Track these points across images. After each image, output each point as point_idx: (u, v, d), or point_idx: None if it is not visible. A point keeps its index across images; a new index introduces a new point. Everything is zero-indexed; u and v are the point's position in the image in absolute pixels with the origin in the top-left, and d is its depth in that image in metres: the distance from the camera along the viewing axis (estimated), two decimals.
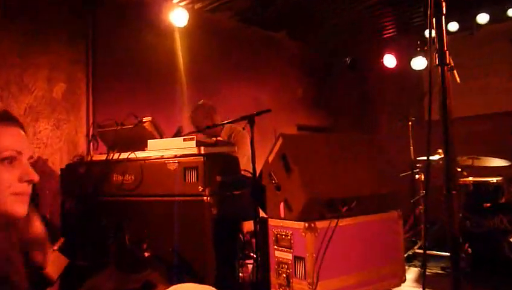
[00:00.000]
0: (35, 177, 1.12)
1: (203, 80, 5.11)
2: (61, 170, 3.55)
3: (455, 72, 1.54)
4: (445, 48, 1.51)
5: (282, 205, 2.73)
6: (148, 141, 3.08)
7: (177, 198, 2.81)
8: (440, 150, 4.31)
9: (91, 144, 3.49)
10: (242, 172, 3.03)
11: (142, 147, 3.10)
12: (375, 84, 7.09)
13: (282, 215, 2.74)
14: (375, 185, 2.88)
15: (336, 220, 2.62)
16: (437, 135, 1.54)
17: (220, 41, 5.39)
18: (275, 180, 2.79)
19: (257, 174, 2.87)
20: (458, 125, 1.64)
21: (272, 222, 2.81)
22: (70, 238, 2.63)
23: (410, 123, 5.01)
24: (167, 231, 2.80)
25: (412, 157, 4.92)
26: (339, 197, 2.69)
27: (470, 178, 4.10)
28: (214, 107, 3.93)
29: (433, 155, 4.19)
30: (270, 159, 2.85)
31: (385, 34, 6.41)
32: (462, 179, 4.09)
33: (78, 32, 4.32)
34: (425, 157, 4.64)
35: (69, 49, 4.26)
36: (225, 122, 3.39)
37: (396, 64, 6.28)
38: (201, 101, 3.94)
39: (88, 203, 3.20)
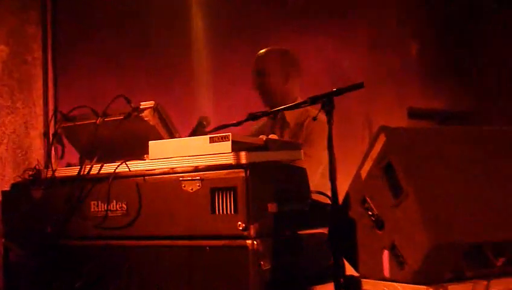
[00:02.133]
0: None
1: (242, 37, 5.23)
2: (3, 193, 3.63)
3: None
4: None
5: (386, 254, 2.73)
6: (150, 143, 3.12)
7: (200, 242, 2.89)
8: None
9: (53, 148, 3.58)
10: (313, 195, 3.10)
11: (140, 153, 3.16)
12: None
13: (386, 272, 2.73)
14: None
15: (485, 283, 2.59)
16: None
17: None
18: (372, 211, 2.80)
19: (340, 200, 2.88)
20: None
21: (368, 284, 2.79)
22: None
23: None
24: None
25: None
26: (489, 240, 2.65)
27: None
28: (294, 55, 4.17)
29: None
30: (364, 172, 2.86)
31: None
32: None
33: None
34: None
35: None
36: (281, 107, 3.45)
37: None
38: (266, 49, 4.14)
39: (49, 250, 3.26)
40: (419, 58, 6.56)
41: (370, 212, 2.81)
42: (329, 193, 2.87)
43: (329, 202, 2.90)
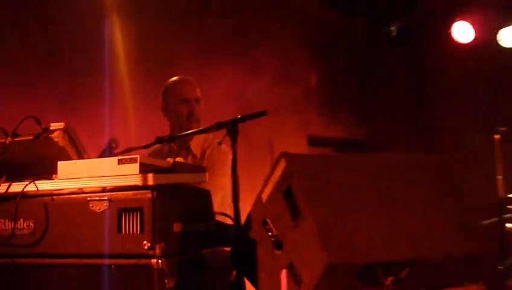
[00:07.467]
0: None
1: (156, 61, 5.18)
2: None
3: None
4: None
5: (284, 273, 2.72)
6: (59, 163, 3.06)
7: (106, 261, 2.85)
8: None
9: None
10: (217, 217, 3.10)
11: (49, 173, 3.09)
12: (438, 70, 7.06)
13: None
14: (442, 242, 2.88)
15: None
16: None
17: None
18: (272, 232, 2.81)
19: (242, 222, 2.91)
20: None
21: None
22: None
23: (497, 137, 4.98)
24: None
25: (501, 192, 4.90)
26: (381, 261, 2.69)
27: None
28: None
29: None
30: (265, 195, 2.87)
31: None
32: None
33: None
34: None
35: None
36: (189, 132, 3.52)
37: (475, 38, 6.26)
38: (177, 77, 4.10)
39: None
40: (319, 89, 6.65)
41: (270, 233, 2.82)
42: (232, 215, 2.90)
43: (232, 223, 2.93)
